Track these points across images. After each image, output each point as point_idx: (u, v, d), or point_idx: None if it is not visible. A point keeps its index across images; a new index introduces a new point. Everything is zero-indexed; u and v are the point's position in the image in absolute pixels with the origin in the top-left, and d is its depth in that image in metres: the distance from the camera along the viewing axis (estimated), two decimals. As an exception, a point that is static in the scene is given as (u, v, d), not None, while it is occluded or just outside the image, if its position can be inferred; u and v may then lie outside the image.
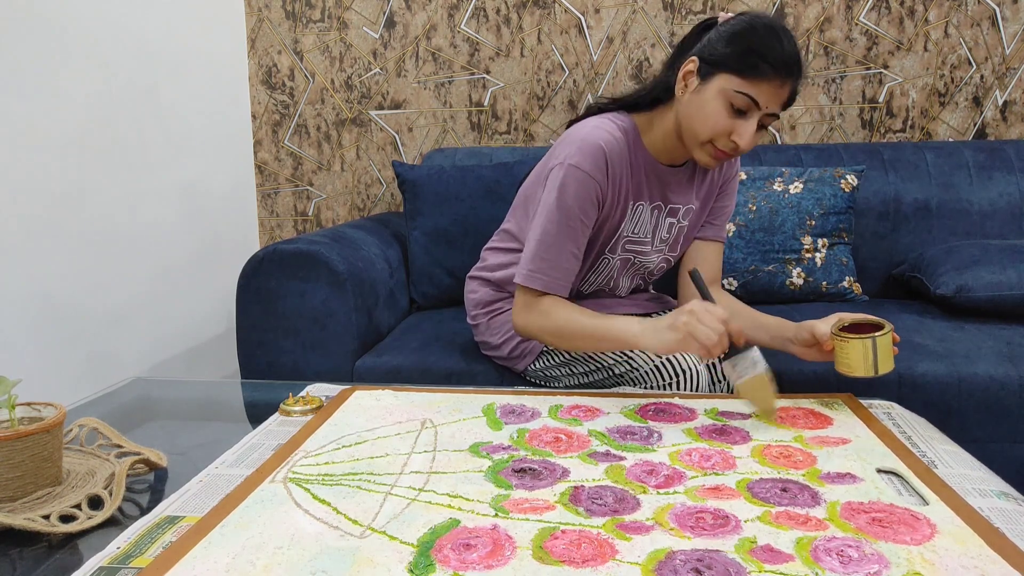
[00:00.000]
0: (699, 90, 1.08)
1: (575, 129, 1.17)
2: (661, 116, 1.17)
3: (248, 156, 2.31)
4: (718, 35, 1.07)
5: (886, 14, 2.03)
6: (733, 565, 0.61)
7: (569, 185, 1.12)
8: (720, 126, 1.06)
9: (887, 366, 0.96)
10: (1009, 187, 1.83)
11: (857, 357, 0.96)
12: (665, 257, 1.31)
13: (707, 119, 1.07)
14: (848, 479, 0.78)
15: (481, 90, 2.20)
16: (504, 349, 1.33)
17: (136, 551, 0.66)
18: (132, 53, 1.76)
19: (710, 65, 1.06)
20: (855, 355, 0.96)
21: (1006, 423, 1.31)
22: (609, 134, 1.14)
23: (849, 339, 0.96)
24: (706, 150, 1.10)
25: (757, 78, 1.02)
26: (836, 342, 0.98)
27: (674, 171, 1.22)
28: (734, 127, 1.06)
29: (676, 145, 1.17)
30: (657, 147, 1.19)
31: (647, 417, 0.98)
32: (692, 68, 1.09)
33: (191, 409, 1.17)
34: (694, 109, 1.08)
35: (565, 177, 1.12)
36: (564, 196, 1.12)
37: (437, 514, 0.71)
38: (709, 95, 1.06)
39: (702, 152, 1.11)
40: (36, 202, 1.48)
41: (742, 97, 1.03)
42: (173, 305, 1.92)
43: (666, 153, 1.20)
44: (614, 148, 1.14)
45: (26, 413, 0.80)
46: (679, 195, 1.25)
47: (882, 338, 0.94)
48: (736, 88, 1.03)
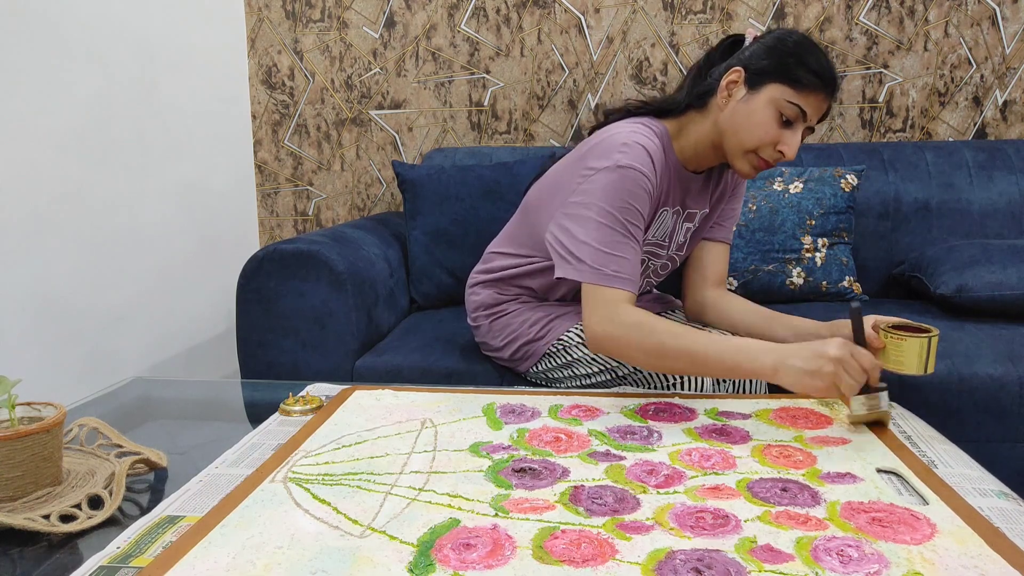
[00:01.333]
0: (747, 99, 1.08)
1: (610, 134, 1.14)
2: (692, 123, 1.16)
3: (248, 156, 2.31)
4: (763, 47, 1.08)
5: (886, 14, 2.03)
6: (733, 565, 0.61)
7: (623, 184, 1.08)
8: (769, 135, 1.07)
9: (932, 366, 0.98)
10: (1009, 187, 1.83)
11: (912, 355, 0.97)
12: (671, 257, 1.31)
13: (755, 128, 1.07)
14: (848, 479, 0.78)
15: (481, 90, 2.20)
16: (506, 352, 1.33)
17: (136, 551, 0.66)
18: (132, 53, 1.76)
19: (759, 75, 1.07)
20: (911, 353, 0.97)
21: (1006, 423, 1.31)
22: (648, 139, 1.12)
23: (906, 337, 0.97)
24: (749, 159, 1.11)
25: (807, 90, 1.05)
26: (890, 340, 0.98)
27: (695, 177, 1.22)
28: (781, 137, 1.07)
29: (707, 153, 1.17)
30: (686, 154, 1.18)
31: (647, 417, 0.98)
32: (736, 78, 1.09)
33: (191, 409, 1.17)
34: (741, 118, 1.08)
35: (619, 178, 1.08)
36: (621, 195, 1.07)
37: (437, 514, 0.71)
38: (759, 104, 1.07)
39: (744, 161, 1.11)
40: (36, 202, 1.48)
41: (793, 107, 1.05)
42: (173, 305, 1.92)
43: (694, 160, 1.19)
44: (656, 153, 1.12)
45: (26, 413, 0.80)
46: (696, 200, 1.25)
47: (934, 338, 0.97)
48: (788, 98, 1.05)
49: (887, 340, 0.99)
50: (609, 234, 1.07)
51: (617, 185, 1.08)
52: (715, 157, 1.18)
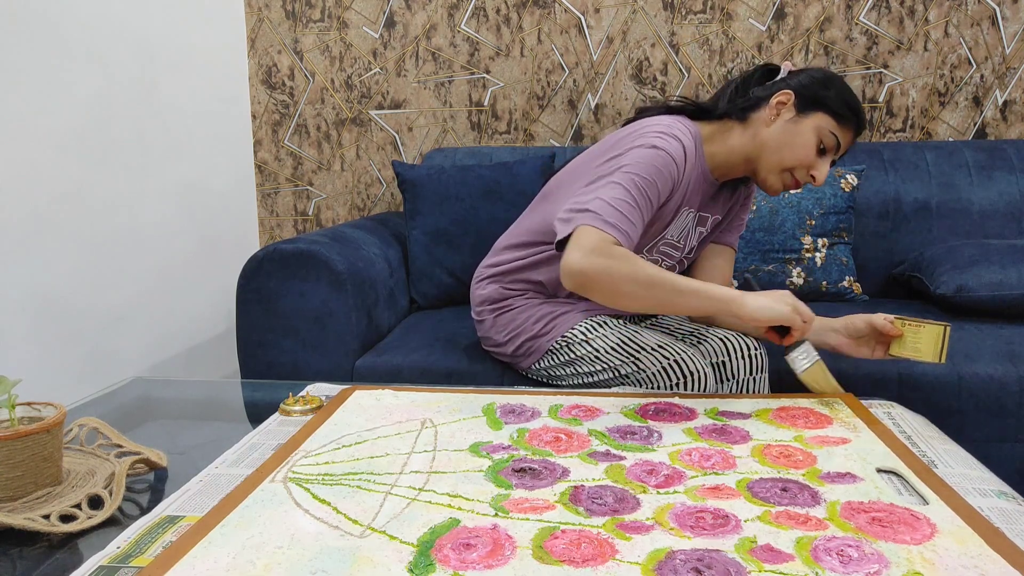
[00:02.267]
0: (795, 121, 1.14)
1: (649, 123, 1.16)
2: (728, 133, 1.20)
3: (248, 156, 2.31)
4: (811, 79, 1.16)
5: (886, 14, 2.03)
6: (733, 565, 0.61)
7: (653, 160, 1.10)
8: (808, 158, 1.14)
9: (945, 357, 1.04)
10: (1009, 187, 1.83)
11: (930, 342, 1.04)
12: (680, 260, 1.32)
13: (797, 149, 1.14)
14: (848, 479, 0.78)
15: (481, 90, 2.20)
16: (509, 347, 1.33)
17: (136, 551, 0.66)
18: (132, 52, 1.76)
19: (808, 102, 1.14)
20: (928, 340, 1.04)
21: (1006, 423, 1.31)
22: (684, 134, 1.15)
23: (924, 324, 1.05)
24: (783, 178, 1.17)
25: (847, 126, 1.14)
26: (908, 327, 1.07)
27: (715, 184, 1.25)
28: (816, 163, 1.15)
29: (737, 164, 1.20)
30: (716, 160, 1.21)
31: (647, 417, 0.98)
32: (786, 100, 1.15)
33: (191, 409, 1.17)
34: (787, 137, 1.14)
35: (651, 156, 1.10)
36: (648, 168, 1.09)
37: (437, 514, 0.71)
38: (805, 128, 1.13)
39: (777, 179, 1.17)
40: (36, 202, 1.48)
41: (832, 138, 1.13)
42: (173, 305, 1.92)
43: (721, 168, 1.22)
44: (690, 151, 1.16)
45: (26, 413, 0.80)
46: (712, 206, 1.28)
47: (949, 328, 1.04)
48: (831, 128, 1.13)
49: (905, 328, 1.07)
50: (623, 194, 1.07)
51: (647, 160, 1.10)
52: (743, 169, 1.21)
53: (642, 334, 1.21)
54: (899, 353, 1.08)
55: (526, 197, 1.80)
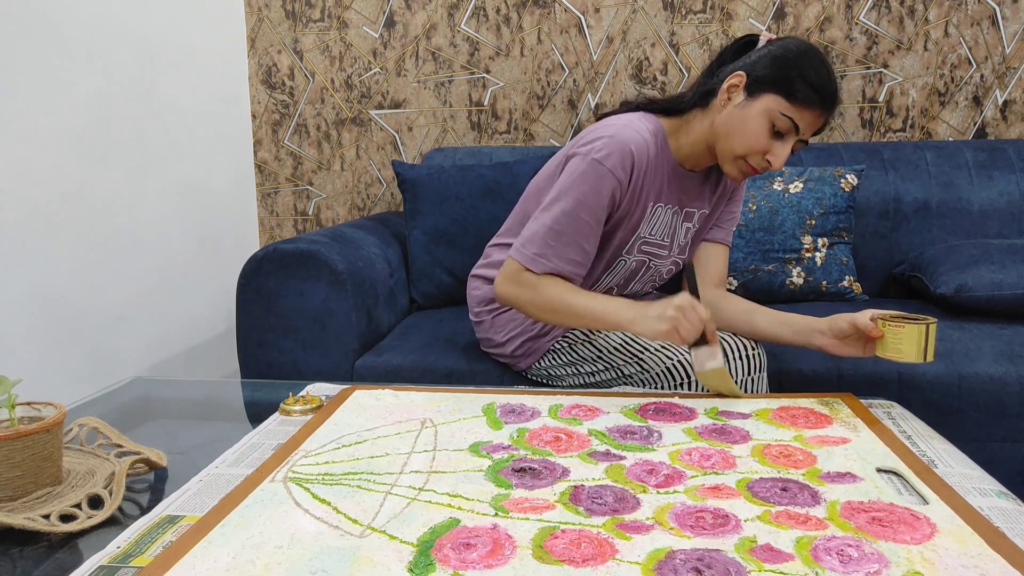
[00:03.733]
0: (743, 105, 1.09)
1: (604, 123, 1.16)
2: (692, 122, 1.17)
3: (248, 155, 2.31)
4: (768, 55, 1.09)
5: (886, 13, 2.03)
6: (733, 564, 0.61)
7: (589, 178, 1.11)
8: (759, 144, 1.08)
9: (931, 355, 1.01)
10: (1009, 186, 1.83)
11: (911, 342, 1.00)
12: (675, 260, 1.31)
13: (747, 135, 1.09)
14: (848, 478, 0.78)
15: (481, 90, 2.20)
16: (508, 347, 1.32)
17: (136, 550, 0.66)
18: (132, 52, 1.76)
19: (758, 83, 1.08)
20: (909, 340, 1.00)
21: (1006, 423, 1.31)
22: (638, 134, 1.13)
23: (904, 324, 1.00)
24: (737, 164, 1.12)
25: (803, 105, 1.06)
26: (888, 328, 1.02)
27: (693, 175, 1.23)
28: (771, 147, 1.09)
29: (703, 152, 1.18)
30: (683, 152, 1.19)
31: (647, 416, 0.98)
32: (738, 82, 1.10)
33: (191, 409, 1.17)
34: (736, 123, 1.10)
35: (587, 169, 1.11)
36: (582, 187, 1.11)
37: (437, 513, 0.71)
38: (753, 112, 1.08)
39: (732, 166, 1.13)
40: (36, 201, 1.48)
41: (786, 120, 1.06)
42: (173, 304, 1.92)
43: (691, 159, 1.20)
44: (642, 149, 1.13)
45: (26, 412, 0.80)
46: (695, 200, 1.25)
47: (932, 326, 1.00)
48: (782, 110, 1.06)
49: (885, 329, 1.02)
50: (556, 221, 1.12)
51: (583, 177, 1.11)
52: (711, 157, 1.18)
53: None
54: (882, 354, 1.04)
55: (526, 197, 1.80)
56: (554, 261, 1.13)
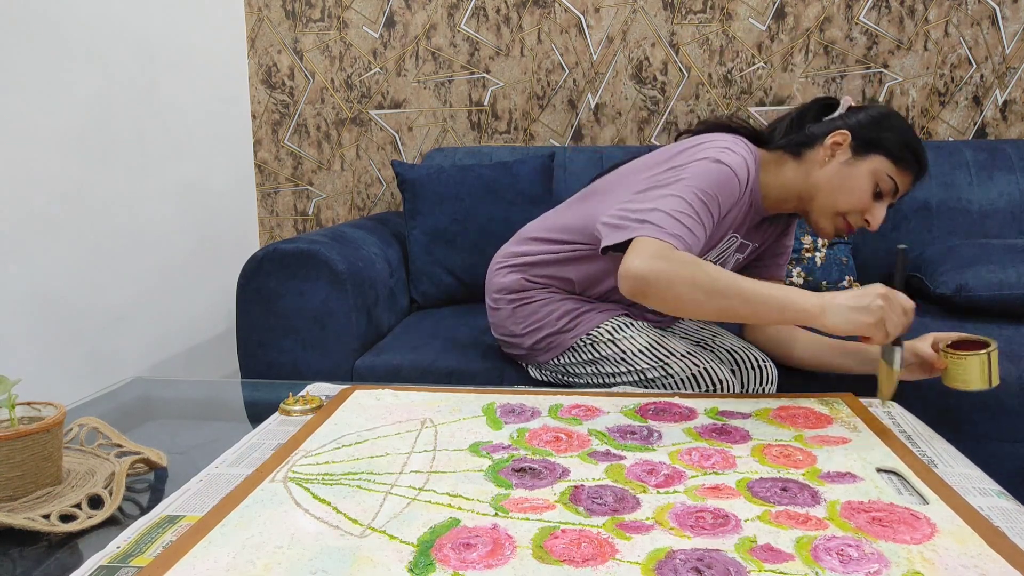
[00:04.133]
0: (850, 163, 1.10)
1: (714, 137, 1.13)
2: (783, 167, 1.16)
3: (248, 155, 2.31)
4: (870, 119, 1.11)
5: (886, 13, 2.03)
6: (733, 564, 0.61)
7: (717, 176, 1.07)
8: (862, 203, 1.10)
9: (996, 379, 1.00)
10: (1009, 186, 1.83)
11: (975, 373, 1.00)
12: None
13: (852, 193, 1.10)
14: (848, 478, 0.78)
15: (481, 89, 2.20)
16: (528, 340, 1.28)
17: (136, 550, 0.66)
18: (132, 52, 1.76)
19: (866, 144, 1.10)
20: (973, 371, 1.00)
21: (1006, 423, 1.31)
22: (747, 154, 1.12)
23: (967, 356, 1.00)
24: (835, 221, 1.13)
25: (907, 170, 1.10)
26: (952, 360, 1.02)
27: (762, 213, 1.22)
28: (871, 207, 1.11)
29: (788, 200, 1.17)
30: (767, 191, 1.18)
31: (647, 416, 0.98)
32: (842, 140, 1.11)
33: (191, 409, 1.17)
34: (840, 180, 1.10)
35: (715, 170, 1.07)
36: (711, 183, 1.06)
37: (437, 513, 0.71)
38: (861, 171, 1.09)
39: (829, 222, 1.13)
40: (36, 201, 1.48)
41: (890, 182, 1.09)
42: (173, 304, 1.92)
43: (772, 200, 1.18)
44: (752, 171, 1.13)
45: (26, 412, 0.80)
46: (754, 235, 1.25)
47: (994, 352, 1.00)
48: (889, 172, 1.09)
49: (949, 360, 1.02)
50: (684, 207, 1.03)
51: (711, 175, 1.06)
52: (794, 206, 1.17)
53: (668, 339, 1.19)
54: (950, 384, 1.03)
55: (526, 197, 1.80)
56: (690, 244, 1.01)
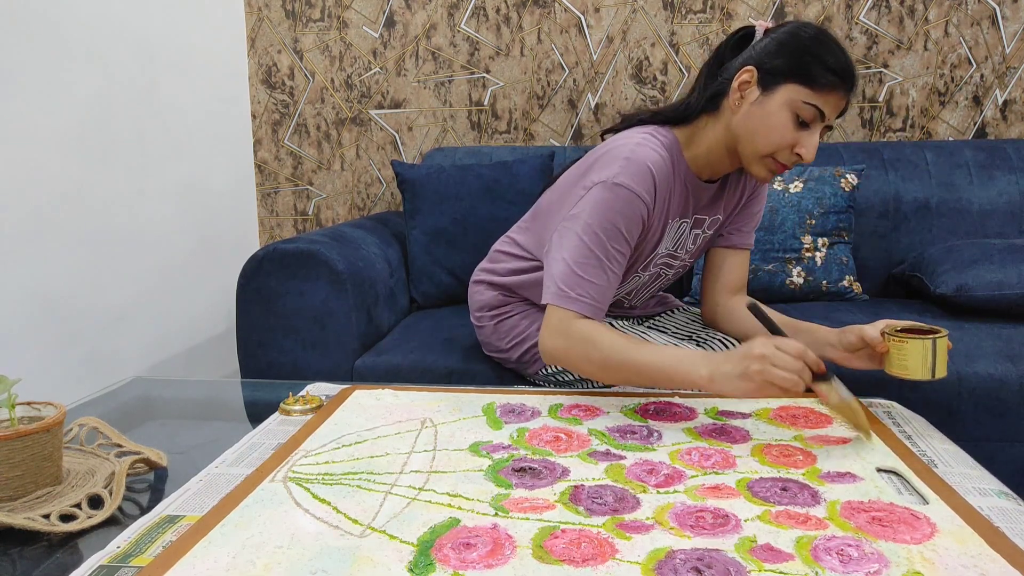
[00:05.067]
0: (761, 102, 1.03)
1: (616, 144, 1.10)
2: (704, 129, 1.10)
3: (248, 155, 2.31)
4: (775, 43, 1.03)
5: (886, 13, 2.03)
6: (733, 564, 0.61)
7: (614, 204, 1.04)
8: (786, 139, 1.02)
9: (942, 370, 0.94)
10: (1009, 186, 1.83)
11: (916, 358, 0.93)
12: (683, 264, 1.27)
13: (772, 132, 1.02)
14: (848, 478, 0.78)
15: (481, 89, 2.20)
16: (513, 354, 1.30)
17: (136, 550, 0.66)
18: (132, 52, 1.76)
19: (772, 75, 1.01)
20: (914, 356, 0.93)
21: (1006, 423, 1.31)
22: (655, 152, 1.07)
23: (908, 339, 0.93)
24: (765, 164, 1.06)
25: (825, 89, 0.99)
26: (893, 343, 0.96)
27: (708, 186, 1.17)
28: (798, 139, 1.02)
29: (721, 159, 1.11)
30: (699, 162, 1.12)
31: (647, 416, 0.98)
32: (749, 78, 1.03)
33: (191, 408, 1.17)
34: (756, 121, 1.03)
35: (612, 197, 1.04)
36: (608, 215, 1.04)
37: (437, 513, 0.71)
38: (774, 106, 1.01)
39: (760, 166, 1.06)
40: (36, 201, 1.48)
41: (810, 108, 1.00)
42: (173, 304, 1.92)
43: (708, 168, 1.13)
44: (661, 168, 1.07)
45: (26, 412, 0.80)
46: (708, 208, 1.20)
47: (940, 340, 0.93)
48: (805, 99, 1.00)
49: (890, 344, 0.96)
50: (586, 255, 1.04)
51: (609, 204, 1.04)
52: (730, 163, 1.12)
53: (650, 336, 1.18)
54: (889, 371, 0.97)
55: (526, 196, 1.80)
56: (592, 295, 1.04)
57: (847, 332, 1.04)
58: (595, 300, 1.05)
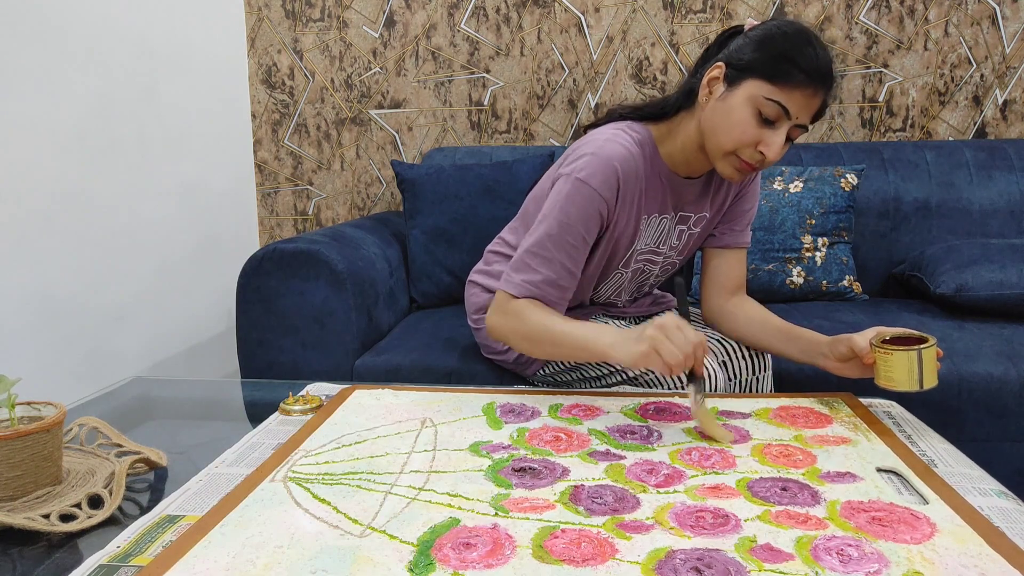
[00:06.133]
0: (725, 97, 1.01)
1: (588, 140, 1.11)
2: (681, 125, 1.10)
3: (248, 155, 2.31)
4: (747, 40, 1.02)
5: (886, 13, 2.03)
6: (733, 564, 0.61)
7: (574, 199, 1.06)
8: (747, 136, 1.00)
9: (931, 380, 0.91)
10: (1009, 186, 1.83)
11: (902, 370, 0.91)
12: (671, 261, 1.27)
13: (733, 128, 1.00)
14: (848, 478, 0.78)
15: (481, 89, 2.20)
16: (511, 355, 1.31)
17: (136, 550, 0.66)
18: (132, 52, 1.76)
19: (738, 71, 1.00)
20: (899, 368, 0.91)
21: (1006, 422, 1.31)
22: (623, 147, 1.07)
23: (893, 351, 0.91)
24: (730, 161, 1.04)
25: (789, 85, 0.97)
26: (878, 354, 0.94)
27: (690, 182, 1.16)
28: (761, 137, 1.00)
29: (696, 156, 1.11)
30: (675, 159, 1.12)
31: (647, 416, 0.98)
32: (718, 74, 1.03)
33: (191, 408, 1.17)
34: (719, 117, 1.02)
35: (571, 191, 1.06)
36: (567, 209, 1.07)
37: (437, 513, 0.71)
38: (736, 102, 1.00)
39: (725, 164, 1.05)
40: (36, 201, 1.48)
41: (772, 105, 0.98)
42: (173, 304, 1.92)
43: (685, 165, 1.13)
44: (628, 163, 1.07)
45: (26, 412, 0.80)
46: (693, 205, 1.20)
47: (927, 351, 0.90)
48: (766, 95, 0.98)
49: (876, 355, 0.94)
50: (541, 246, 1.09)
51: (569, 198, 1.07)
52: (706, 160, 1.11)
53: None
54: (877, 382, 0.94)
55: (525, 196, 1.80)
56: (540, 286, 1.08)
57: (838, 342, 1.03)
58: (535, 287, 1.09)
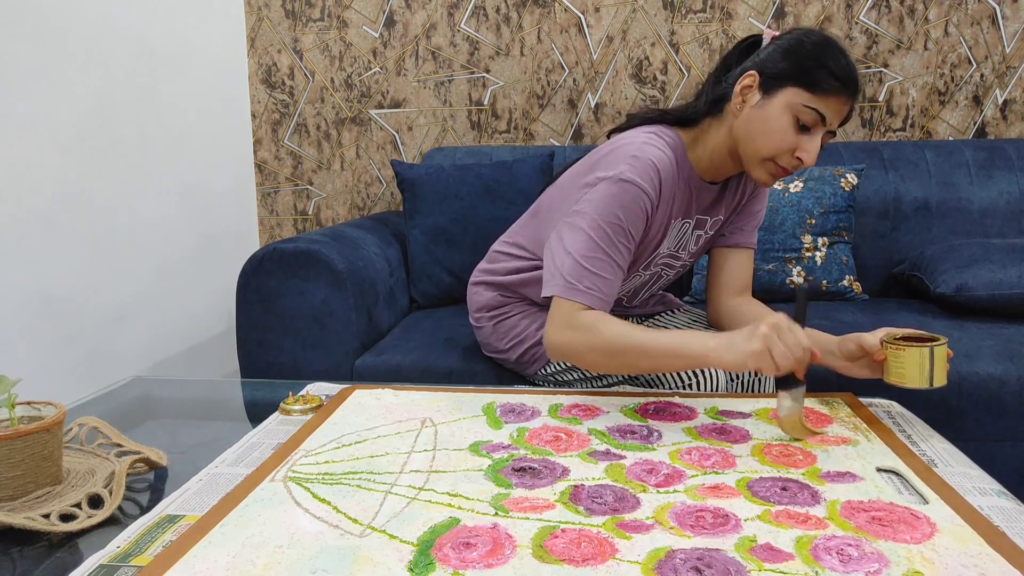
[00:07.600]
0: (762, 105, 1.04)
1: (623, 143, 1.11)
2: (708, 132, 1.12)
3: (248, 155, 2.31)
4: (779, 49, 1.04)
5: (886, 13, 2.03)
6: (733, 564, 0.61)
7: (620, 198, 1.05)
8: (786, 143, 1.03)
9: (941, 379, 0.92)
10: (1009, 186, 1.83)
11: (913, 367, 0.92)
12: (685, 265, 1.27)
13: (772, 135, 1.03)
14: (848, 478, 0.78)
15: (481, 89, 2.20)
16: (512, 354, 1.30)
17: (136, 550, 0.66)
18: (132, 52, 1.76)
19: (774, 79, 1.03)
20: (911, 365, 0.92)
21: (1006, 422, 1.31)
22: (661, 151, 1.08)
23: (905, 347, 0.92)
24: (766, 167, 1.06)
25: (826, 93, 1.00)
26: (890, 351, 0.95)
27: (711, 187, 1.18)
28: (799, 143, 1.03)
29: (724, 162, 1.12)
30: (703, 164, 1.14)
31: (647, 416, 0.98)
32: (751, 82, 1.05)
33: (191, 408, 1.17)
34: (756, 124, 1.04)
35: (618, 191, 1.05)
36: (614, 209, 1.05)
37: (437, 513, 0.71)
38: (774, 110, 1.03)
39: (761, 169, 1.07)
40: (36, 201, 1.48)
41: (811, 112, 1.01)
42: (173, 304, 1.92)
43: (712, 170, 1.15)
44: (666, 167, 1.08)
45: (26, 412, 0.80)
46: (710, 209, 1.21)
47: (939, 348, 0.92)
48: (805, 103, 1.01)
49: (887, 351, 0.95)
50: (593, 249, 1.06)
51: (616, 199, 1.06)
52: (733, 166, 1.13)
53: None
54: (887, 379, 0.96)
55: (526, 196, 1.80)
56: (599, 287, 1.05)
57: (847, 340, 1.04)
58: (602, 293, 1.05)
